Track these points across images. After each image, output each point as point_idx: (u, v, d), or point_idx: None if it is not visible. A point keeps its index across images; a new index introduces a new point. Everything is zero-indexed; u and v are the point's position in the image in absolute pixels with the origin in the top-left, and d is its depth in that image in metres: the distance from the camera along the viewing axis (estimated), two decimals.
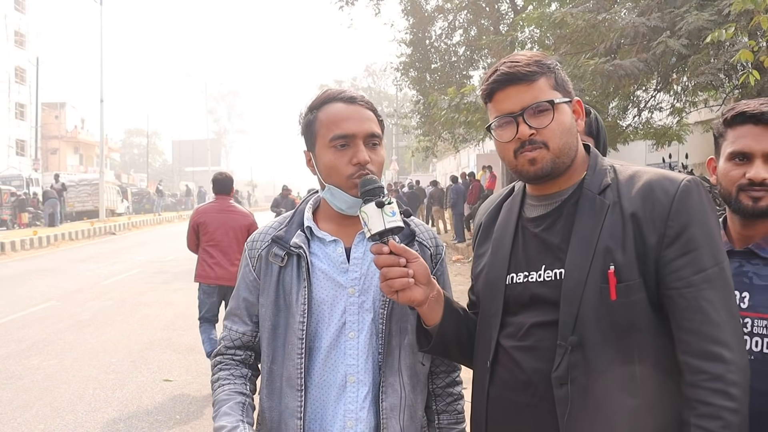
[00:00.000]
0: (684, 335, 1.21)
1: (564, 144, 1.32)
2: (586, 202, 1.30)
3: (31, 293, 10.70)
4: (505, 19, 18.70)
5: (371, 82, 69.76)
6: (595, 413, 1.22)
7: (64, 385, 5.71)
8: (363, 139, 1.46)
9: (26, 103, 41.18)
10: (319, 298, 1.48)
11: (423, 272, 1.35)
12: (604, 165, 1.36)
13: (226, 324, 1.60)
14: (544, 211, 1.36)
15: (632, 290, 1.22)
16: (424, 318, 1.41)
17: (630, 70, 8.05)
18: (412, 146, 26.14)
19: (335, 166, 1.45)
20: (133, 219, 29.90)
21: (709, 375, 1.18)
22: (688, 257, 1.21)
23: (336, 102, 1.49)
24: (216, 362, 1.57)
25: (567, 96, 1.34)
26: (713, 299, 1.20)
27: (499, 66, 1.35)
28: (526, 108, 1.31)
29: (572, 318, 1.24)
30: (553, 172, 1.35)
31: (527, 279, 1.33)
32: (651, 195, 1.24)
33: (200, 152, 74.24)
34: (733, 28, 5.91)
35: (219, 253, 5.34)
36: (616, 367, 1.22)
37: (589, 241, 1.25)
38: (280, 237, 1.53)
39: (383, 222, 1.30)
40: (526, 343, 1.30)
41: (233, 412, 1.43)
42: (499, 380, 1.35)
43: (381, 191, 1.35)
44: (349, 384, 1.46)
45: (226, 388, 1.50)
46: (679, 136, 12.45)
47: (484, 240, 1.49)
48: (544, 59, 1.35)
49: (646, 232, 1.23)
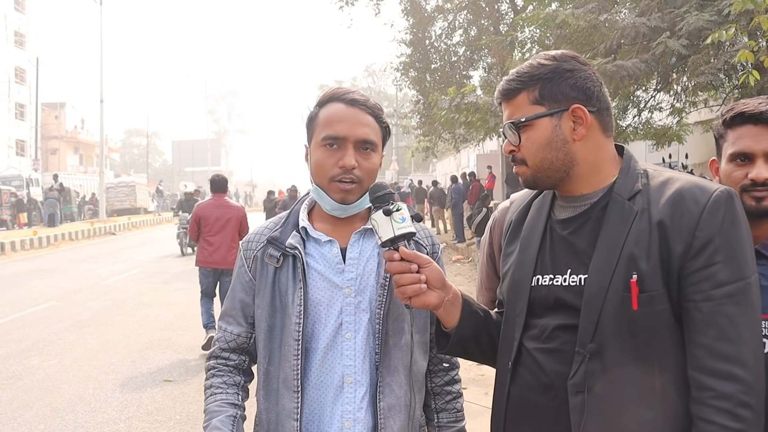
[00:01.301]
0: (695, 350, 1.18)
1: (541, 160, 1.30)
2: (614, 207, 1.27)
3: (31, 293, 10.70)
4: (505, 19, 18.69)
5: (371, 82, 69.75)
6: (610, 424, 1.20)
7: (64, 385, 5.71)
8: (354, 143, 1.45)
9: (26, 103, 41.18)
10: (315, 299, 1.48)
11: (436, 276, 1.33)
12: (637, 169, 1.32)
13: (221, 325, 1.59)
14: (572, 213, 1.34)
15: (655, 300, 1.20)
16: (442, 320, 1.41)
17: (632, 70, 8.05)
18: (412, 146, 26.14)
19: (322, 165, 1.46)
20: (133, 219, 29.91)
21: (716, 393, 1.14)
22: (710, 270, 1.17)
23: (338, 102, 1.49)
24: (210, 366, 1.57)
25: (556, 107, 1.29)
26: (732, 315, 1.16)
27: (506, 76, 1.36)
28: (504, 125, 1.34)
29: (592, 325, 1.22)
30: (540, 185, 1.36)
31: (552, 282, 1.31)
32: (681, 204, 1.21)
33: (200, 152, 74.28)
34: (733, 29, 5.91)
35: (216, 242, 6.51)
36: (635, 378, 1.20)
37: (615, 247, 1.23)
38: (275, 238, 1.52)
39: (392, 229, 1.29)
40: (549, 346, 1.29)
41: (223, 426, 1.43)
42: (520, 381, 1.33)
43: (390, 197, 1.33)
44: (346, 384, 1.46)
45: (219, 398, 1.50)
46: (679, 136, 12.45)
47: (513, 239, 1.46)
48: (534, 70, 1.31)
49: (672, 241, 1.19)
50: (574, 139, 1.30)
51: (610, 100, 1.40)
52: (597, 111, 1.31)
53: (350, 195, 1.46)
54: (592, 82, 1.32)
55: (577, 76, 1.30)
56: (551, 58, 1.32)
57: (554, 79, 1.30)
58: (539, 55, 1.35)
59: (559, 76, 1.30)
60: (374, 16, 39.21)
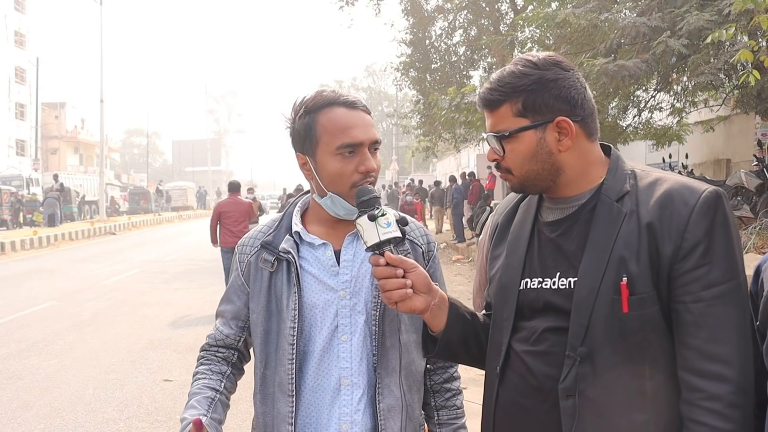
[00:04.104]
0: (685, 351, 1.17)
1: (527, 172, 1.30)
2: (603, 209, 1.25)
3: (31, 293, 10.70)
4: (505, 19, 18.70)
5: (371, 82, 69.80)
6: (602, 427, 1.19)
7: (64, 385, 5.71)
8: (368, 146, 1.44)
9: (26, 103, 41.19)
10: (310, 303, 1.47)
11: (422, 281, 1.32)
12: (625, 170, 1.30)
13: (216, 323, 1.63)
14: (560, 215, 1.32)
15: (645, 303, 1.19)
16: (429, 324, 1.40)
17: (633, 71, 8.05)
18: (412, 146, 26.12)
19: (342, 173, 1.43)
20: (133, 219, 29.92)
21: (706, 394, 1.14)
22: (699, 271, 1.17)
23: (337, 107, 1.46)
24: (199, 357, 1.61)
25: (540, 119, 1.26)
26: (722, 316, 1.16)
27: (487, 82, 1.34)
28: (487, 135, 1.33)
29: (582, 328, 1.21)
30: (528, 192, 1.36)
31: (541, 285, 1.30)
32: (670, 205, 1.20)
33: (200, 152, 74.31)
34: (733, 28, 5.91)
35: (232, 227, 9.04)
36: (626, 381, 1.19)
37: (603, 250, 1.21)
38: (268, 242, 1.52)
39: (377, 234, 1.28)
40: (538, 348, 1.28)
41: (199, 406, 1.45)
42: (509, 384, 1.33)
43: (376, 202, 1.32)
44: (343, 387, 1.46)
45: (200, 383, 1.52)
46: (679, 136, 12.45)
47: (500, 241, 1.45)
48: (517, 80, 1.27)
49: (662, 243, 1.18)
50: (560, 150, 1.28)
51: (610, 100, 1.39)
52: (581, 120, 1.28)
53: None
54: (575, 90, 1.28)
55: (560, 86, 1.27)
56: (533, 66, 1.28)
57: (537, 90, 1.26)
58: (520, 61, 1.31)
59: (543, 87, 1.26)
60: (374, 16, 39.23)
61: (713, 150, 15.47)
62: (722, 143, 15.00)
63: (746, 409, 1.15)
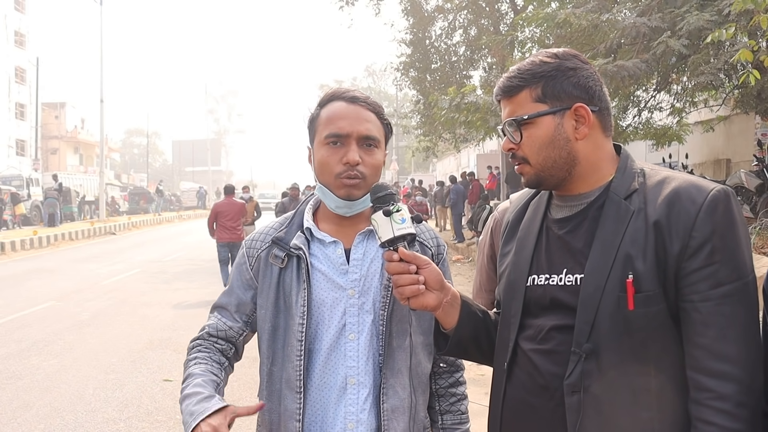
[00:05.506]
0: (694, 350, 1.17)
1: (545, 159, 1.30)
2: (611, 207, 1.26)
3: (31, 293, 10.70)
4: (505, 19, 18.70)
5: (371, 82, 69.80)
6: (607, 424, 1.20)
7: (64, 385, 5.71)
8: (357, 139, 1.45)
9: (26, 103, 41.16)
10: (318, 300, 1.47)
11: (435, 278, 1.33)
12: (634, 168, 1.31)
13: (215, 314, 1.58)
14: (569, 212, 1.33)
15: (651, 301, 1.19)
16: (441, 322, 1.40)
17: (632, 71, 8.06)
18: (412, 146, 26.12)
19: (327, 163, 1.46)
20: (133, 219, 29.92)
21: (715, 394, 1.14)
22: (707, 270, 1.16)
23: (339, 100, 1.50)
24: (194, 344, 1.55)
25: (558, 105, 1.29)
26: (731, 315, 1.15)
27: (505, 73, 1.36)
28: (504, 122, 1.33)
29: (588, 325, 1.21)
30: (543, 185, 1.35)
31: (548, 282, 1.31)
32: (677, 203, 1.20)
33: (200, 152, 74.31)
34: (733, 28, 5.91)
35: (228, 224, 10.31)
36: (631, 379, 1.19)
37: (610, 247, 1.22)
38: (280, 238, 1.53)
39: (392, 230, 1.29)
40: (545, 347, 1.28)
41: (208, 385, 1.40)
42: (516, 382, 1.33)
43: (392, 198, 1.34)
44: (349, 386, 1.46)
45: (203, 366, 1.47)
46: (679, 136, 12.45)
47: (510, 239, 1.46)
48: (537, 68, 1.30)
49: (669, 241, 1.18)
50: (576, 138, 1.29)
51: (610, 100, 1.39)
52: (598, 110, 1.31)
53: (355, 191, 1.46)
54: (593, 81, 1.31)
55: (579, 75, 1.30)
56: (553, 56, 1.31)
57: (557, 77, 1.29)
58: (540, 53, 1.34)
59: (562, 74, 1.29)
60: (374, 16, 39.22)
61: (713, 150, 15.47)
62: (722, 143, 15.00)
63: (755, 409, 1.15)
